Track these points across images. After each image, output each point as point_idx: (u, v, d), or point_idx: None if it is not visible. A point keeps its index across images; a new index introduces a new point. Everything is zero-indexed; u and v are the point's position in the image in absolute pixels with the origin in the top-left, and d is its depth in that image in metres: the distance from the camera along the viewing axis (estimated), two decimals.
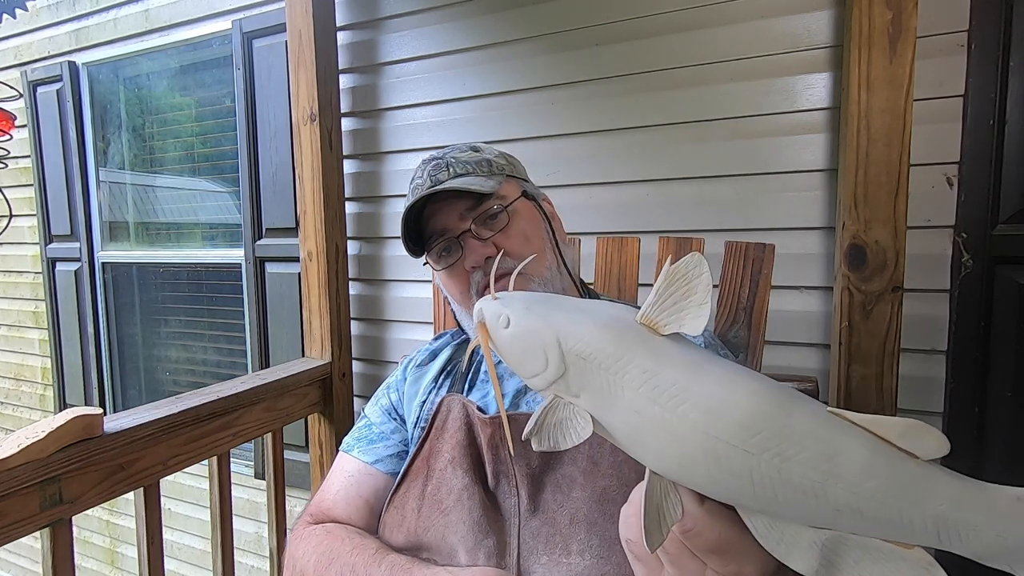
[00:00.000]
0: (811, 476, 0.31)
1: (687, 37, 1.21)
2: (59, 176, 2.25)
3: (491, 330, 0.41)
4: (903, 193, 0.98)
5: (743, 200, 1.20)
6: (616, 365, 0.36)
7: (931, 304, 1.09)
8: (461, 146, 0.79)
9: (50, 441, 0.83)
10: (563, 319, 0.39)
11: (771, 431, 0.32)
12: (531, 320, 0.40)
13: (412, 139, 1.52)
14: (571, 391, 0.38)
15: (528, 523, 0.64)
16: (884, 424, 0.31)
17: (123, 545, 2.32)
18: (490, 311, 0.42)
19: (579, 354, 0.37)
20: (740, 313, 1.01)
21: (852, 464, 0.31)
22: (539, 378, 0.38)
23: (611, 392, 0.36)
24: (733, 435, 0.32)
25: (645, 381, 0.35)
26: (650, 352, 0.36)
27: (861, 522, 0.31)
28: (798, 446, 0.31)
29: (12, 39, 2.33)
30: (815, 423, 0.32)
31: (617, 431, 0.36)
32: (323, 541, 0.69)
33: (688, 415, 0.33)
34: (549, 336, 0.38)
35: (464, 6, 1.43)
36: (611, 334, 0.37)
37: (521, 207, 0.75)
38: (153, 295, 2.22)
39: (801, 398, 0.33)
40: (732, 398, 0.33)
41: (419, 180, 0.76)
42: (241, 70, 1.77)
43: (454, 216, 0.73)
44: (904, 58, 0.96)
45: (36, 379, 2.48)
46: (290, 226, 1.74)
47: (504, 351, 0.41)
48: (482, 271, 0.71)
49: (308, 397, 1.40)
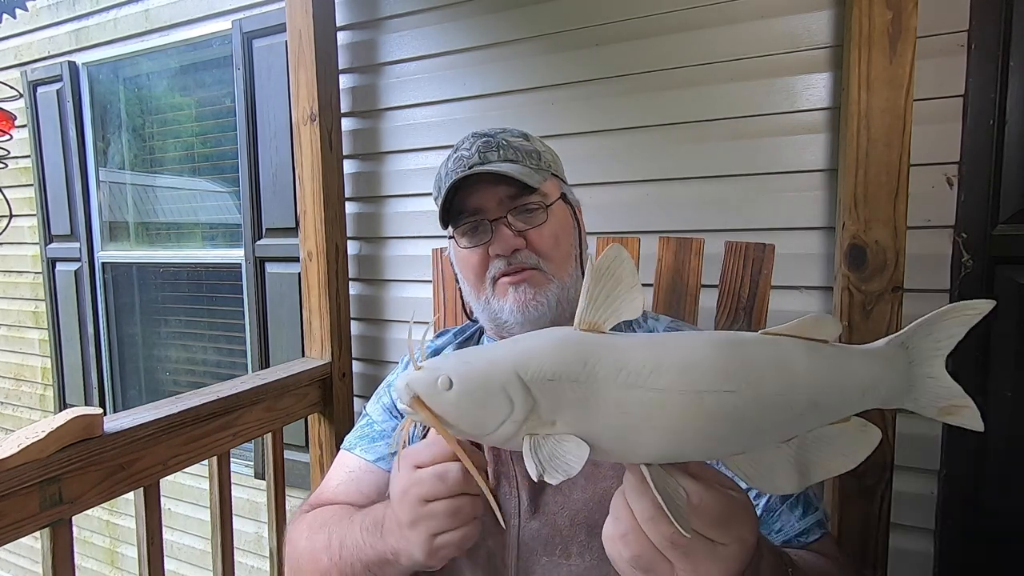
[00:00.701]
0: (778, 390, 0.36)
1: (687, 37, 1.21)
2: (59, 176, 2.25)
3: (430, 399, 0.38)
4: (903, 193, 0.98)
5: (743, 200, 1.20)
6: (584, 371, 0.36)
7: (931, 304, 1.08)
8: (513, 130, 0.77)
9: (50, 441, 0.83)
10: (510, 354, 0.37)
11: (739, 365, 0.36)
12: (476, 369, 0.37)
13: (412, 139, 1.52)
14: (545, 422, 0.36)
15: (528, 524, 0.63)
16: (799, 327, 0.37)
17: (123, 545, 2.32)
18: (422, 381, 0.38)
19: (545, 377, 0.36)
20: (740, 313, 1.01)
21: (799, 367, 0.37)
22: (507, 424, 0.36)
23: (589, 401, 0.35)
24: (713, 382, 0.35)
25: (619, 371, 0.35)
26: (609, 347, 0.37)
27: (816, 415, 0.37)
28: (761, 369, 0.36)
29: (12, 39, 2.33)
30: (762, 345, 0.37)
31: (604, 438, 0.36)
32: (316, 516, 0.69)
33: (670, 382, 0.35)
34: (506, 374, 0.36)
35: (464, 6, 1.43)
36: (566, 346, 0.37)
37: (558, 209, 0.75)
38: (153, 295, 2.22)
39: (742, 333, 0.39)
40: (699, 351, 0.36)
41: (465, 152, 0.74)
42: (241, 70, 1.77)
43: (493, 199, 0.71)
44: (904, 58, 0.96)
45: (36, 379, 2.48)
46: (290, 226, 1.74)
47: (454, 415, 0.38)
48: (505, 261, 0.70)
49: (308, 397, 1.40)
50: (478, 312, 0.78)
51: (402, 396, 0.39)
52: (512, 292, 0.70)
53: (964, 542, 1.08)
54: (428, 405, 0.38)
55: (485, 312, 0.75)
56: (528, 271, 0.70)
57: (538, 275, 0.71)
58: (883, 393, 0.38)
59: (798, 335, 0.37)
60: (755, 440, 0.37)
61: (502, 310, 0.71)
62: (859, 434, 0.38)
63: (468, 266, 0.74)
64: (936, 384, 0.39)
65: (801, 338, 0.37)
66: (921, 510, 1.11)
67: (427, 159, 1.51)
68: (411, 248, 1.55)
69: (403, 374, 0.40)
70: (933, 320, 0.38)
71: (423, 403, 0.38)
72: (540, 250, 0.71)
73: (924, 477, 1.10)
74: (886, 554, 1.02)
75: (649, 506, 0.37)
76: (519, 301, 0.70)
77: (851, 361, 0.38)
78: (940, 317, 0.38)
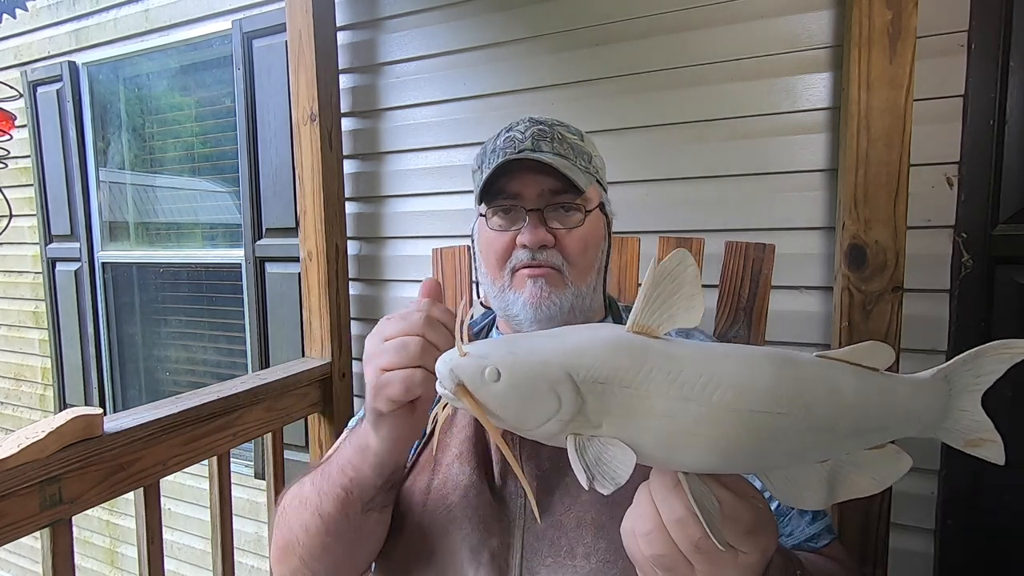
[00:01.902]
0: (827, 416, 0.36)
1: (687, 37, 1.22)
2: (59, 176, 2.25)
3: (476, 390, 0.36)
4: (903, 193, 0.98)
5: (743, 200, 1.20)
6: (637, 379, 0.35)
7: (931, 304, 1.09)
8: (570, 126, 0.76)
9: (50, 441, 0.83)
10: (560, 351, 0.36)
11: (793, 388, 0.35)
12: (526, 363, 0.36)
13: (412, 139, 1.52)
14: (591, 423, 0.35)
15: (533, 525, 0.63)
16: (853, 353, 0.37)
17: (123, 545, 2.32)
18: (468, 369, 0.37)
19: (596, 379, 0.35)
20: (740, 313, 1.01)
21: (850, 395, 0.36)
22: (552, 422, 0.36)
23: (637, 408, 0.35)
24: (767, 402, 0.35)
25: (672, 382, 0.34)
26: (664, 355, 0.35)
27: (858, 441, 0.38)
28: (814, 393, 0.36)
29: (12, 39, 2.33)
30: (817, 368, 0.37)
31: (649, 445, 0.35)
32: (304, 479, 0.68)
33: (724, 399, 0.34)
34: (556, 372, 0.35)
35: (464, 6, 1.43)
36: (620, 349, 0.36)
37: (594, 217, 0.74)
38: (153, 295, 2.22)
39: (798, 353, 0.38)
40: (755, 370, 0.35)
41: (518, 135, 0.72)
42: (241, 70, 1.77)
43: (535, 189, 0.70)
44: (904, 58, 0.96)
45: (36, 379, 2.48)
46: (290, 226, 1.74)
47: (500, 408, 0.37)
48: (529, 253, 0.69)
49: (308, 397, 1.40)
50: (492, 298, 0.76)
51: (444, 382, 0.38)
52: (530, 285, 0.69)
53: (964, 542, 1.08)
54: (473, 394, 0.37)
55: (498, 300, 0.74)
56: (549, 269, 0.69)
57: (557, 276, 0.70)
58: (922, 424, 0.39)
59: (852, 361, 0.37)
60: (796, 460, 0.37)
61: (515, 303, 0.70)
62: (892, 459, 0.39)
63: (492, 249, 0.73)
64: (969, 417, 0.39)
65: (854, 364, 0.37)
66: (921, 510, 1.11)
67: (427, 159, 1.51)
68: (411, 248, 1.55)
69: (446, 359, 0.38)
70: (976, 355, 0.38)
71: (468, 391, 0.37)
72: (567, 253, 0.70)
73: (924, 477, 1.10)
74: (886, 554, 1.02)
75: (679, 508, 0.36)
76: (534, 296, 0.69)
77: (898, 391, 0.38)
78: (983, 352, 0.38)
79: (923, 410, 0.39)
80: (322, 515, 0.59)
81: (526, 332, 0.63)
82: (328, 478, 0.59)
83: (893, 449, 0.39)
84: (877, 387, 0.37)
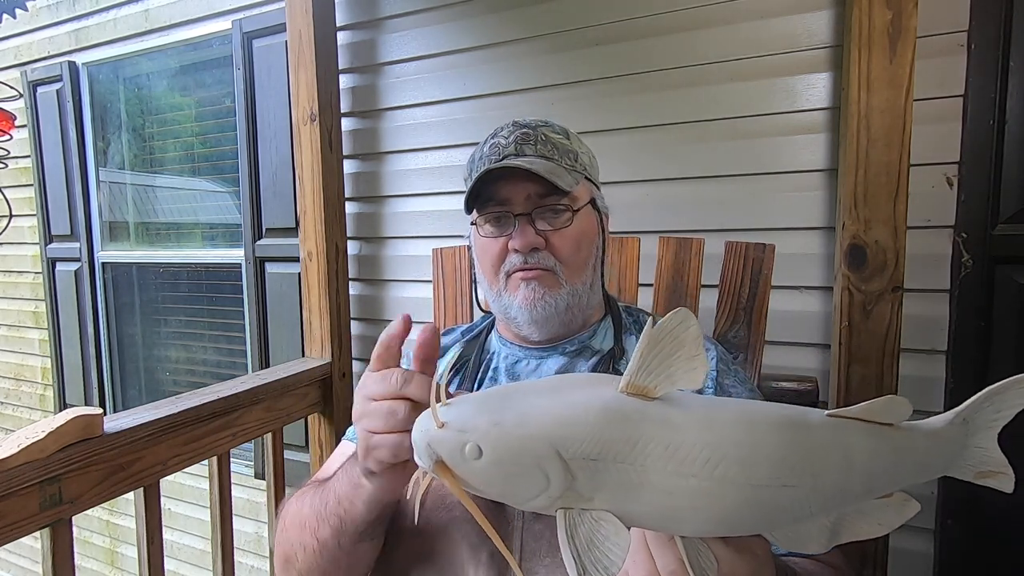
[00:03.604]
0: (837, 482, 0.34)
1: (687, 37, 1.21)
2: (59, 176, 2.25)
3: (457, 467, 0.34)
4: (903, 193, 0.98)
5: (743, 200, 1.20)
6: (632, 453, 0.32)
7: (931, 304, 1.09)
8: (555, 125, 0.77)
9: (50, 441, 0.83)
10: (548, 422, 0.33)
11: (802, 457, 0.34)
12: (510, 439, 0.33)
13: (412, 139, 1.52)
14: (583, 497, 0.33)
15: (531, 526, 0.63)
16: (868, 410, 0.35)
17: (123, 545, 2.32)
18: (447, 444, 0.34)
19: (587, 456, 0.32)
20: (740, 313, 1.01)
21: (862, 457, 0.35)
22: (541, 498, 0.33)
23: (633, 482, 0.32)
24: (773, 476, 0.33)
25: (671, 457, 0.32)
26: (661, 425, 0.33)
27: (867, 496, 0.37)
28: (824, 460, 0.34)
29: (12, 39, 2.33)
30: (828, 432, 0.35)
31: (647, 518, 0.33)
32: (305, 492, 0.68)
33: (727, 474, 0.32)
34: (543, 449, 0.32)
35: (464, 6, 1.43)
36: (613, 420, 0.33)
37: (585, 214, 0.74)
38: (153, 295, 2.22)
39: (806, 411, 0.36)
40: (761, 439, 0.33)
41: (502, 140, 0.73)
42: (241, 70, 1.77)
43: (522, 194, 0.71)
44: (904, 58, 0.96)
45: (36, 379, 2.48)
46: (290, 226, 1.74)
47: (483, 485, 0.34)
48: (522, 257, 0.70)
49: (308, 397, 1.40)
50: (491, 302, 0.77)
51: (421, 458, 0.35)
52: (523, 288, 0.71)
53: (964, 542, 1.08)
54: (452, 471, 0.34)
55: (496, 303, 0.75)
56: (541, 271, 0.70)
57: (551, 277, 0.71)
58: (936, 469, 0.38)
59: (866, 418, 0.35)
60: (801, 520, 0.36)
61: (511, 305, 0.72)
62: (899, 506, 0.38)
63: (486, 255, 0.74)
64: (984, 454, 0.39)
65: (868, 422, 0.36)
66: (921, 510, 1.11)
67: (427, 159, 1.51)
68: (411, 248, 1.55)
69: (423, 427, 0.36)
70: (997, 391, 0.37)
71: (447, 468, 0.34)
72: (559, 253, 0.71)
73: None
74: (886, 554, 1.02)
75: (672, 561, 0.36)
76: (528, 299, 0.70)
77: (914, 445, 0.37)
78: (1003, 389, 0.37)
79: (939, 458, 0.38)
80: (318, 538, 0.60)
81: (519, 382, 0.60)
82: (325, 504, 0.60)
83: (901, 496, 0.38)
84: (891, 447, 0.36)
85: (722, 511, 0.33)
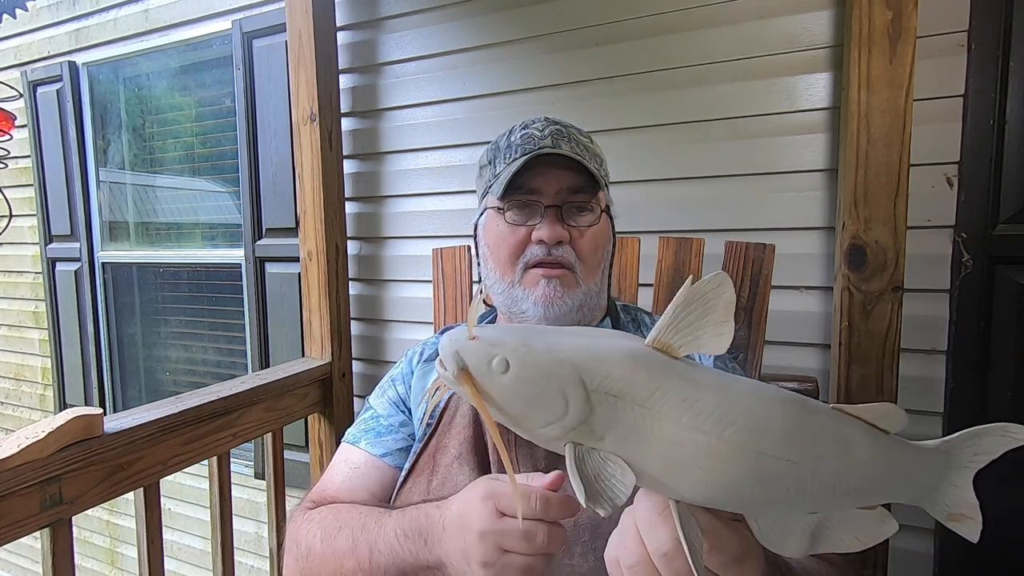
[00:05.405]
0: (834, 471, 0.35)
1: (687, 37, 1.21)
2: (59, 176, 2.25)
3: (481, 378, 0.34)
4: (903, 193, 0.98)
5: (743, 200, 1.20)
6: (652, 399, 0.33)
7: (931, 304, 1.09)
8: (581, 128, 0.77)
9: (50, 441, 0.83)
10: (575, 353, 0.34)
11: (807, 436, 0.34)
12: (539, 358, 0.34)
13: (412, 139, 1.52)
14: (594, 435, 0.33)
15: None
16: (869, 411, 0.36)
17: (123, 545, 2.32)
18: (475, 354, 0.34)
19: (609, 392, 0.33)
20: (740, 313, 1.01)
21: (859, 454, 0.35)
22: (555, 426, 0.34)
23: (646, 429, 0.33)
24: (779, 447, 0.33)
25: (687, 409, 0.33)
26: (682, 378, 0.34)
27: (854, 500, 0.37)
28: (826, 446, 0.35)
29: (12, 39, 2.32)
30: (833, 421, 0.36)
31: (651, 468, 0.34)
32: (327, 516, 0.67)
33: (736, 437, 0.33)
34: (570, 374, 0.33)
35: (464, 6, 1.43)
36: (640, 364, 0.34)
37: (604, 218, 0.75)
38: (153, 295, 2.22)
39: (811, 400, 0.37)
40: (772, 411, 0.34)
41: (537, 132, 0.73)
42: (241, 70, 1.77)
43: (555, 185, 0.70)
44: (904, 58, 0.96)
45: (36, 379, 2.48)
46: (290, 226, 1.74)
47: (503, 401, 0.34)
48: (546, 249, 0.69)
49: (308, 397, 1.40)
50: (496, 294, 0.76)
51: (447, 363, 0.35)
52: (543, 284, 0.70)
53: (964, 542, 1.08)
54: (477, 382, 0.34)
55: (504, 296, 0.74)
56: (563, 269, 0.70)
57: (570, 276, 0.70)
58: (917, 492, 0.39)
59: (866, 419, 0.36)
60: (791, 509, 0.36)
61: (525, 300, 0.71)
62: (879, 522, 0.38)
63: (505, 243, 0.72)
64: (958, 493, 0.39)
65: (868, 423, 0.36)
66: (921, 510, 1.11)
67: (427, 159, 1.51)
68: (411, 248, 1.55)
69: (453, 338, 0.35)
70: (977, 433, 0.38)
71: (471, 378, 0.34)
72: (581, 251, 0.71)
73: None
74: (886, 554, 1.02)
75: (665, 542, 0.36)
76: (547, 296, 0.69)
77: (903, 457, 0.38)
78: (985, 432, 0.37)
79: (922, 479, 0.38)
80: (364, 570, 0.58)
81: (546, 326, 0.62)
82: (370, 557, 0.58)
83: (882, 512, 0.38)
84: (886, 453, 0.37)
85: (724, 474, 0.33)
